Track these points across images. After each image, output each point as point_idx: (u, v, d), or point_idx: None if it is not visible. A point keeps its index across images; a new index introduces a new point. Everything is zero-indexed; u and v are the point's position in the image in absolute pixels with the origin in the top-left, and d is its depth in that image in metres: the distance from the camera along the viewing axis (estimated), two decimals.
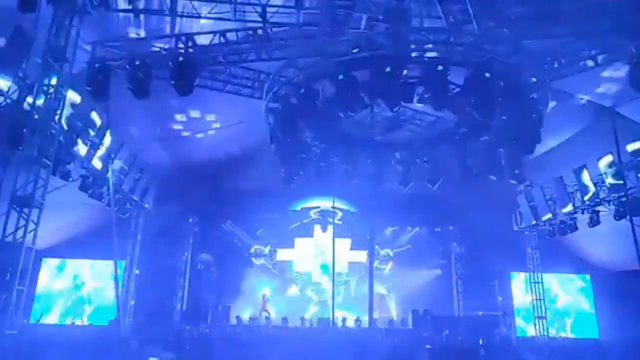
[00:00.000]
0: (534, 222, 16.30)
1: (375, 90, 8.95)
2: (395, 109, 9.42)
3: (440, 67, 8.58)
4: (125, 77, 9.28)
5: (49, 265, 17.00)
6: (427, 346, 13.81)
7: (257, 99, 11.15)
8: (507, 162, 11.72)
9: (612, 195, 12.94)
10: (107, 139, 11.76)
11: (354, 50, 8.72)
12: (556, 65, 10.13)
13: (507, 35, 9.01)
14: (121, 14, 9.32)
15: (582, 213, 14.30)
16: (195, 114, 13.73)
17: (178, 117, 13.83)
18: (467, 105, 9.15)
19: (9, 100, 8.38)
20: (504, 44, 9.12)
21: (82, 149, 10.95)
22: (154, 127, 14.14)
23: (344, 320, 17.31)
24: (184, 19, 9.47)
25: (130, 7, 8.86)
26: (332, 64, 8.96)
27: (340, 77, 8.73)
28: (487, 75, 8.63)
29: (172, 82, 9.18)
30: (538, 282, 17.43)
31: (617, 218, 12.95)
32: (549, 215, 15.46)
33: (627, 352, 13.02)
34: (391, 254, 19.64)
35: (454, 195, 15.44)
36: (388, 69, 8.37)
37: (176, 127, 14.20)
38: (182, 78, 9.16)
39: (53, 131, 8.20)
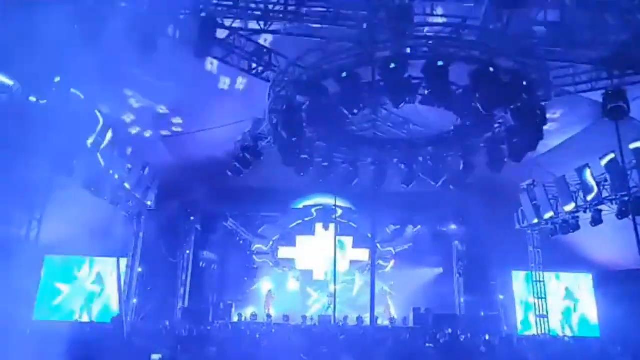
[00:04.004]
0: (537, 220, 16.30)
1: (379, 88, 8.94)
2: (400, 106, 9.39)
3: (441, 64, 8.50)
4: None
5: (51, 262, 17.04)
6: (428, 344, 13.82)
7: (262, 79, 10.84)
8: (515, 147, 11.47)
9: (615, 194, 12.94)
10: (110, 136, 11.80)
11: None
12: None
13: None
14: None
15: (585, 212, 14.29)
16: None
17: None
18: (470, 103, 9.14)
19: (12, 97, 8.41)
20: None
21: (85, 146, 10.98)
22: (157, 124, 14.17)
23: (345, 318, 17.35)
24: None
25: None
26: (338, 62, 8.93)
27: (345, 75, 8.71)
28: (492, 70, 8.59)
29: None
30: (540, 281, 17.43)
31: (620, 217, 12.95)
32: (552, 214, 15.45)
33: (629, 352, 13.01)
34: (393, 252, 19.65)
35: (456, 194, 15.41)
36: (392, 66, 8.34)
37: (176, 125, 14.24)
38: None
39: (57, 128, 8.23)
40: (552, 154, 14.22)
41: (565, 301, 18.52)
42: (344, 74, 8.68)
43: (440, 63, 8.35)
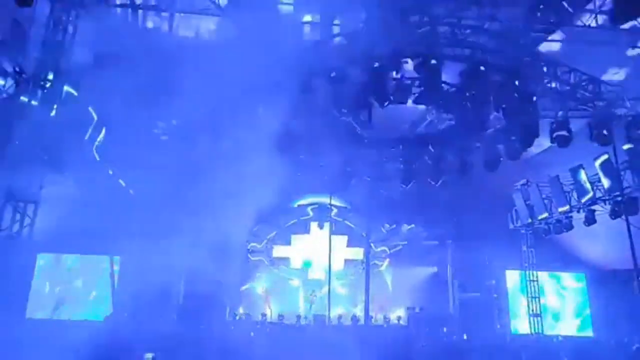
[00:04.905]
0: (530, 220, 16.36)
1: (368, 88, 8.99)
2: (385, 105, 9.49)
3: (433, 62, 8.57)
4: None
5: (44, 259, 16.92)
6: (422, 344, 13.88)
7: None
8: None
9: (608, 194, 13.00)
10: (103, 134, 11.73)
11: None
12: None
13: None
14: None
15: (578, 212, 14.37)
16: None
17: None
18: (463, 102, 9.22)
19: (5, 95, 8.34)
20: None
21: (78, 143, 10.91)
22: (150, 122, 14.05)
23: (339, 317, 17.35)
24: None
25: (128, 2, 8.83)
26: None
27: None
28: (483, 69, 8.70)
29: None
30: (533, 280, 17.51)
31: (613, 217, 13.02)
32: (545, 214, 15.51)
33: (622, 351, 13.09)
34: (388, 251, 19.66)
35: (450, 193, 15.46)
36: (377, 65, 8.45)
37: None
38: None
39: (49, 126, 8.18)
40: (546, 154, 14.27)
41: (558, 300, 18.62)
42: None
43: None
